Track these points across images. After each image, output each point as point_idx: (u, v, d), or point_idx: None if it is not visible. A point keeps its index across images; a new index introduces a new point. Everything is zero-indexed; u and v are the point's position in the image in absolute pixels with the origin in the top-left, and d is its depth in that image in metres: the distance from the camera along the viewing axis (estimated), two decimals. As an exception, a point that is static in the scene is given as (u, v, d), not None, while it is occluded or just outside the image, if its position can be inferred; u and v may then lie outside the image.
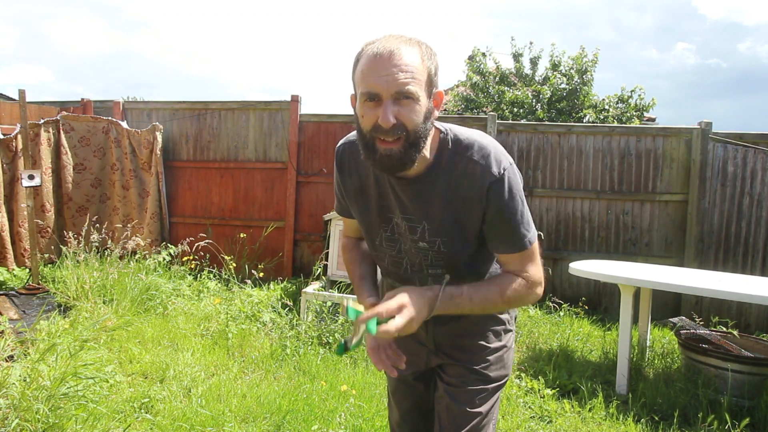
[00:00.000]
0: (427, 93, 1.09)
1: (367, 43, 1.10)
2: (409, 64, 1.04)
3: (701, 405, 2.92)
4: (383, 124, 1.05)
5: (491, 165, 1.14)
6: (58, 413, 2.36)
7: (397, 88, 1.04)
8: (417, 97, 1.06)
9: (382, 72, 1.03)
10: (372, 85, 1.05)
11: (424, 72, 1.07)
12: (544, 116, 9.11)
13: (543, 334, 4.21)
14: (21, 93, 4.73)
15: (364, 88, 1.06)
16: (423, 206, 1.20)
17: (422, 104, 1.07)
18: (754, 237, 4.93)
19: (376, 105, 1.06)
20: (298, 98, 5.67)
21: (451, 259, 1.25)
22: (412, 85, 1.04)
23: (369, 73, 1.05)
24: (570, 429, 2.81)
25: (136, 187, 5.85)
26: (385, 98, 1.05)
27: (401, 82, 1.03)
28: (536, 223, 5.28)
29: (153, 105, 6.17)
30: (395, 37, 1.08)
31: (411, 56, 1.05)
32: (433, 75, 1.10)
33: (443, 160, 1.17)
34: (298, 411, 2.75)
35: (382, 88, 1.04)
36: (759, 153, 4.87)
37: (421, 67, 1.06)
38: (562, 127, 5.39)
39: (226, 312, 4.20)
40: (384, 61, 1.03)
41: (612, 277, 3.37)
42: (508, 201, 1.15)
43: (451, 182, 1.17)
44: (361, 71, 1.07)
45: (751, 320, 4.92)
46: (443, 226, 1.21)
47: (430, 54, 1.09)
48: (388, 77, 1.03)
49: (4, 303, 4.37)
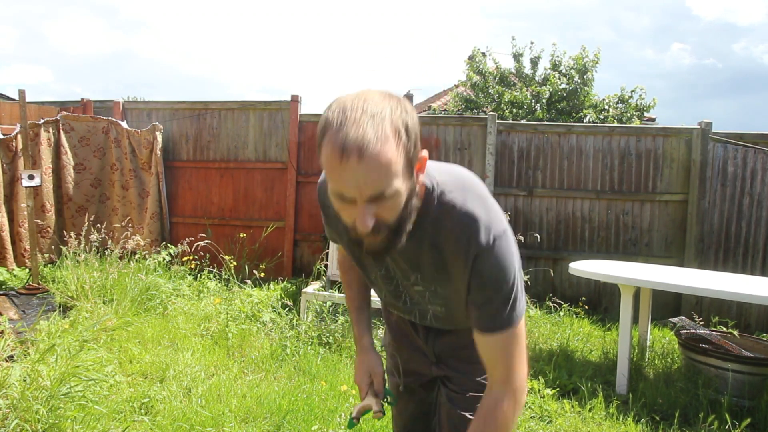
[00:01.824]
0: (408, 174, 0.94)
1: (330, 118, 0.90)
2: (383, 162, 0.87)
3: (701, 405, 2.92)
4: (361, 230, 0.93)
5: (479, 232, 1.02)
6: (57, 413, 2.36)
7: (372, 192, 0.89)
8: (396, 193, 0.92)
9: (351, 175, 0.87)
10: (342, 189, 0.91)
11: (401, 158, 0.90)
12: (544, 116, 9.11)
13: (543, 334, 4.21)
14: (21, 93, 4.73)
15: (334, 187, 0.92)
16: (412, 260, 1.13)
17: (403, 192, 0.94)
18: (754, 237, 4.93)
19: (350, 205, 0.93)
20: (298, 98, 5.67)
21: (449, 301, 1.20)
22: (388, 182, 0.89)
23: (336, 175, 0.89)
24: (570, 429, 2.81)
25: (136, 187, 5.85)
26: (359, 202, 0.91)
27: (375, 185, 0.89)
28: (536, 223, 5.30)
29: (153, 105, 6.17)
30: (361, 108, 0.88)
31: (384, 148, 0.87)
32: (412, 153, 0.93)
33: (429, 216, 1.06)
34: (298, 411, 2.75)
35: (355, 193, 0.90)
36: (759, 153, 4.87)
37: (396, 156, 0.89)
38: (562, 127, 5.39)
39: (226, 312, 4.20)
40: (352, 163, 0.86)
41: (612, 277, 3.36)
42: (494, 274, 1.03)
43: (438, 241, 1.07)
44: (328, 164, 0.90)
45: (751, 320, 4.92)
46: (435, 277, 1.15)
47: (404, 121, 0.91)
48: (358, 182, 0.88)
49: (4, 303, 4.37)
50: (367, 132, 0.86)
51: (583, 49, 9.73)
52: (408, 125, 0.91)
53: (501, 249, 1.03)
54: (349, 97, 0.92)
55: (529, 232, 5.15)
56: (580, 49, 9.86)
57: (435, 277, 1.15)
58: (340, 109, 0.89)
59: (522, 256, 4.10)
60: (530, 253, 5.21)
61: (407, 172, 0.93)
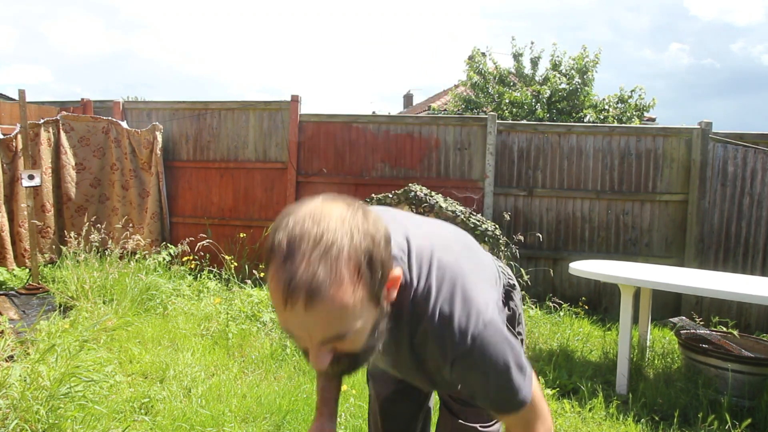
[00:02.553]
0: (374, 305, 0.80)
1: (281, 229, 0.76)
2: (337, 308, 0.74)
3: (701, 405, 2.92)
4: (317, 367, 0.81)
5: (454, 335, 0.89)
6: (57, 413, 2.36)
7: (323, 337, 0.77)
8: (357, 332, 0.79)
9: (298, 324, 0.76)
10: (291, 329, 0.79)
11: (362, 297, 0.76)
12: (545, 116, 9.11)
13: (543, 334, 4.21)
14: (21, 93, 4.73)
15: (283, 324, 0.80)
16: (393, 357, 1.04)
17: (368, 326, 0.81)
18: (754, 237, 4.93)
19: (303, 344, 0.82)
20: (298, 98, 5.67)
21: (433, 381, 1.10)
22: (345, 329, 0.77)
23: (283, 317, 0.77)
24: (570, 429, 2.81)
25: (136, 187, 5.85)
26: (311, 347, 0.80)
27: (328, 332, 0.77)
28: (536, 223, 5.30)
29: (153, 105, 6.17)
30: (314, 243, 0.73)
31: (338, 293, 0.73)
32: (377, 286, 0.79)
33: (404, 311, 0.93)
34: (298, 411, 2.75)
35: (306, 339, 0.79)
36: (759, 153, 4.87)
37: (354, 298, 0.75)
38: (562, 127, 5.39)
39: (226, 312, 4.20)
40: (298, 310, 0.73)
41: (612, 277, 3.36)
42: (484, 368, 0.91)
43: (415, 339, 0.95)
44: (274, 302, 0.77)
45: (751, 320, 4.92)
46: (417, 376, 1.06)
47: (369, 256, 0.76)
48: (308, 329, 0.76)
49: (4, 303, 4.37)
50: (318, 273, 0.71)
51: (584, 49, 9.73)
52: (372, 256, 0.76)
53: (485, 341, 0.90)
54: (302, 216, 0.75)
55: (530, 231, 5.15)
56: (581, 49, 9.86)
57: (416, 376, 1.06)
58: (290, 233, 0.74)
59: (522, 256, 4.14)
60: (530, 253, 5.21)
61: (372, 304, 0.79)
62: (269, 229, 0.83)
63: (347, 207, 0.78)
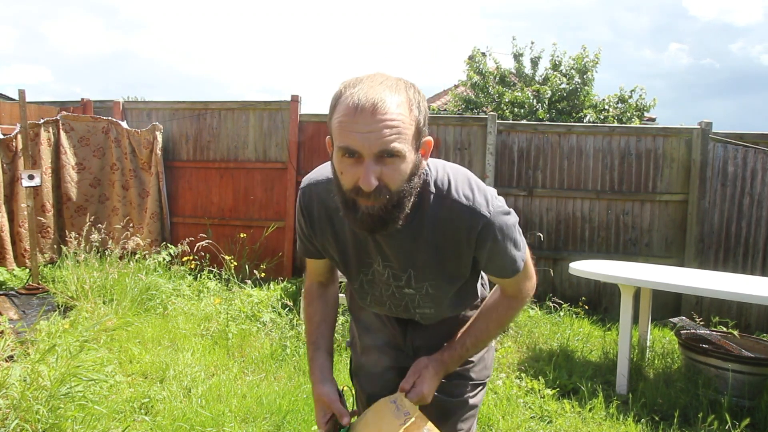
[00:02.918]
0: (415, 146, 0.97)
1: (346, 85, 0.96)
2: (395, 118, 0.91)
3: (701, 405, 2.92)
4: (364, 187, 0.93)
5: (480, 207, 1.06)
6: (57, 413, 2.36)
7: (381, 147, 0.91)
8: (403, 155, 0.94)
9: (363, 128, 0.90)
10: (352, 142, 0.92)
11: (412, 124, 0.94)
12: (545, 116, 9.11)
13: (543, 334, 4.21)
14: (21, 93, 4.73)
15: (343, 142, 0.93)
16: (408, 256, 1.13)
17: (408, 161, 0.95)
18: (754, 237, 4.92)
19: (356, 162, 0.94)
20: (298, 98, 5.67)
21: (439, 299, 1.22)
22: (397, 142, 0.92)
23: (348, 128, 0.91)
24: (570, 429, 2.81)
25: (136, 187, 5.85)
26: (366, 157, 0.92)
27: (385, 140, 0.91)
28: (536, 223, 5.30)
29: (153, 105, 6.17)
30: (379, 80, 0.94)
31: (397, 108, 0.92)
32: (422, 125, 0.97)
33: (426, 205, 1.08)
34: (298, 411, 2.75)
35: (363, 147, 0.91)
36: (759, 153, 4.87)
37: (408, 118, 0.93)
38: (563, 127, 5.39)
39: (226, 312, 4.20)
40: (366, 116, 0.90)
41: (612, 277, 3.36)
42: (500, 240, 1.10)
43: (437, 228, 1.09)
44: (339, 122, 0.93)
45: (751, 320, 4.92)
46: (431, 271, 1.16)
47: (418, 100, 0.97)
48: (370, 135, 0.90)
49: (4, 303, 4.37)
50: (383, 93, 0.91)
51: (584, 49, 9.73)
52: (420, 104, 0.97)
53: (500, 216, 1.09)
54: (362, 74, 0.96)
55: (530, 231, 5.15)
56: (581, 49, 9.86)
57: (430, 272, 1.15)
58: (355, 79, 0.95)
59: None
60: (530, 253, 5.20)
61: (414, 144, 0.96)
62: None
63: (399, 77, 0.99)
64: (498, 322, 1.24)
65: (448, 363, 1.23)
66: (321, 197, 1.17)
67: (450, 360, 1.23)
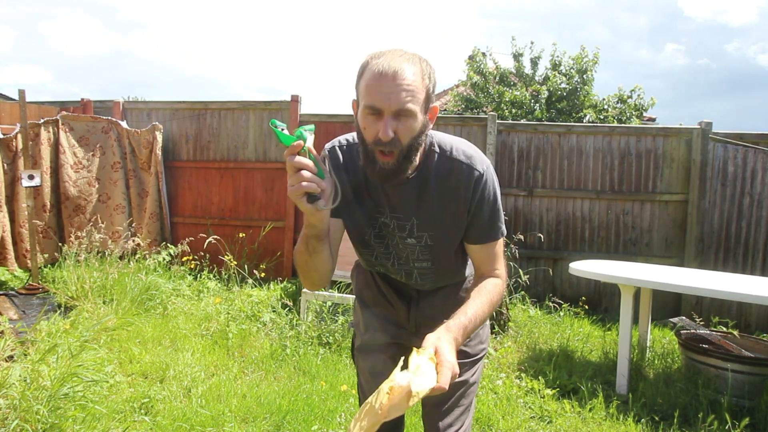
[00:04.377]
0: (424, 109, 1.18)
1: (372, 56, 1.17)
2: (411, 84, 1.13)
3: (701, 405, 2.92)
4: (383, 138, 1.14)
5: (476, 164, 1.28)
6: (58, 413, 2.36)
7: (398, 106, 1.12)
8: (414, 115, 1.15)
9: (385, 90, 1.12)
10: (375, 101, 1.13)
11: (423, 90, 1.16)
12: (543, 116, 9.11)
13: (543, 334, 4.21)
14: (21, 93, 4.73)
15: (368, 101, 1.14)
16: (413, 204, 1.31)
17: (418, 120, 1.16)
18: (754, 237, 4.92)
19: (378, 118, 1.15)
20: (298, 98, 5.67)
21: (436, 252, 1.37)
22: (411, 103, 1.13)
23: (373, 90, 1.13)
24: (570, 429, 2.81)
25: (135, 187, 5.84)
26: (386, 114, 1.13)
27: (402, 100, 1.12)
28: (536, 223, 5.30)
29: (153, 105, 6.17)
30: (399, 53, 1.16)
31: (413, 76, 1.13)
32: (431, 92, 1.19)
33: (431, 162, 1.29)
34: (298, 411, 2.75)
35: (385, 105, 1.13)
36: (759, 153, 4.87)
37: (420, 86, 1.15)
38: (562, 127, 5.38)
39: (226, 312, 4.20)
40: (388, 80, 1.12)
41: (612, 277, 3.36)
42: (489, 195, 1.30)
43: (439, 180, 1.29)
44: (366, 85, 1.15)
45: (751, 320, 4.92)
46: (432, 220, 1.32)
47: (429, 72, 1.18)
48: (390, 95, 1.12)
49: (4, 303, 4.37)
50: (403, 64, 1.13)
51: (582, 49, 9.73)
52: (431, 75, 1.19)
53: (492, 175, 1.31)
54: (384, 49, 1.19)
55: (530, 232, 5.15)
56: (579, 49, 9.85)
57: (431, 220, 1.32)
58: (379, 52, 1.18)
59: (522, 256, 4.15)
60: (530, 253, 5.21)
61: (424, 107, 1.17)
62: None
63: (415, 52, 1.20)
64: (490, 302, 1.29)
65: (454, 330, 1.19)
66: (345, 156, 1.35)
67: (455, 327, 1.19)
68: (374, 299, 1.55)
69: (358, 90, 1.19)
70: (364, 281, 1.58)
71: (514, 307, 4.74)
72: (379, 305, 1.54)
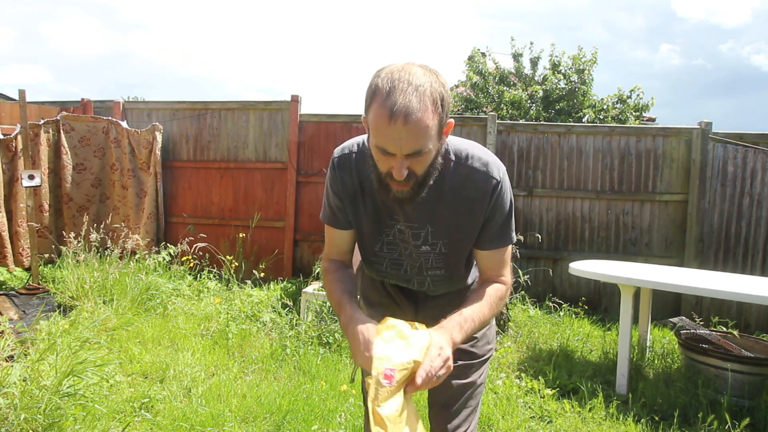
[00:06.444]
0: (438, 136, 1.13)
1: (381, 81, 1.08)
2: (422, 127, 1.07)
3: (701, 405, 2.92)
4: (396, 177, 1.12)
5: (492, 172, 1.26)
6: (58, 413, 2.36)
7: (411, 150, 1.09)
8: (428, 151, 1.11)
9: (395, 135, 1.07)
10: (387, 145, 1.09)
11: (436, 122, 1.09)
12: (540, 116, 9.11)
13: (543, 334, 4.21)
14: (21, 93, 4.73)
15: (379, 143, 1.10)
16: (428, 212, 1.28)
17: (433, 150, 1.13)
18: (754, 237, 4.93)
19: (390, 157, 1.11)
20: (298, 98, 5.67)
21: (449, 259, 1.35)
22: (425, 146, 1.09)
23: (383, 133, 1.08)
24: (570, 429, 2.81)
25: (134, 187, 5.85)
26: (398, 157, 1.10)
27: (414, 145, 1.08)
28: (536, 223, 5.30)
29: (153, 105, 6.17)
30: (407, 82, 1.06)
31: (424, 116, 1.06)
32: (443, 117, 1.12)
33: (447, 171, 1.25)
34: (298, 411, 2.75)
35: (396, 149, 1.09)
36: (759, 153, 4.87)
37: (433, 120, 1.08)
38: (562, 127, 5.39)
39: (226, 312, 4.20)
40: (398, 125, 1.05)
41: (612, 277, 3.36)
42: (504, 202, 1.29)
43: (455, 188, 1.26)
44: (376, 124, 1.08)
45: (751, 320, 4.92)
46: (447, 227, 1.30)
47: (441, 93, 1.10)
48: (401, 141, 1.07)
49: (4, 303, 4.37)
50: (412, 101, 1.05)
51: (580, 50, 9.72)
52: (443, 97, 1.11)
53: (506, 182, 1.29)
54: (395, 68, 1.09)
55: (530, 232, 5.15)
56: (577, 49, 9.84)
57: (446, 228, 1.30)
58: (389, 79, 1.07)
59: (522, 256, 4.14)
60: (530, 253, 5.21)
61: (438, 135, 1.13)
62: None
63: (426, 66, 1.12)
64: (489, 303, 1.28)
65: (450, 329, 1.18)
66: (356, 165, 1.32)
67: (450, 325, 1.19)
68: (380, 299, 1.55)
69: (368, 118, 1.12)
70: (370, 282, 1.56)
71: (514, 307, 4.74)
72: (385, 305, 1.54)
